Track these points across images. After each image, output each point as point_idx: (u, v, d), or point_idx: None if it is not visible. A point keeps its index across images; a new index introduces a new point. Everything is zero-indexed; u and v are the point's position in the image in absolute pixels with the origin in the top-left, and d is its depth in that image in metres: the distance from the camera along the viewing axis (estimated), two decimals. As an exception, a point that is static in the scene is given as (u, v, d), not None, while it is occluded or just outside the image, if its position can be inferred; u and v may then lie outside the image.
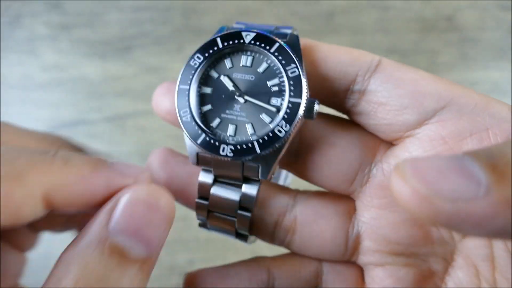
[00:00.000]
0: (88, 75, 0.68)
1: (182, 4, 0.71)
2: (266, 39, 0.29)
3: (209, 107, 0.30)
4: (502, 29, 0.69)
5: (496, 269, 0.27)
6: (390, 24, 0.69)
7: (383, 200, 0.29)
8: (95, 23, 0.70)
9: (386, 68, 0.28)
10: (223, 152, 0.28)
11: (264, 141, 0.28)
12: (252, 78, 0.29)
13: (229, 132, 0.29)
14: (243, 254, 0.60)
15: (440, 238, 0.29)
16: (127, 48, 0.69)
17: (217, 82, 0.30)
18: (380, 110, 0.28)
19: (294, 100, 0.28)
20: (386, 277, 0.30)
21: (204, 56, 0.30)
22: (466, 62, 0.68)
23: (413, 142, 0.28)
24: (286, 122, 0.28)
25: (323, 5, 0.70)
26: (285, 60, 0.28)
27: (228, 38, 0.29)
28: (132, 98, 0.67)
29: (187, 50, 0.69)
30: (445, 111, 0.27)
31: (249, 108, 0.29)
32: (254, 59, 0.30)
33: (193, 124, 0.29)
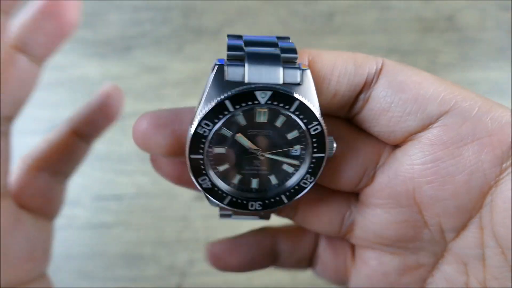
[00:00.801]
0: (88, 75, 0.68)
1: (182, 4, 0.71)
2: (283, 97, 0.25)
3: (227, 166, 0.28)
4: (502, 29, 0.69)
5: (486, 268, 0.27)
6: (390, 24, 0.69)
7: (379, 200, 0.29)
8: (95, 23, 0.70)
9: (389, 72, 0.27)
10: (252, 208, 0.28)
11: (290, 193, 0.28)
12: (269, 133, 0.27)
13: (253, 185, 0.29)
14: (243, 254, 0.61)
15: (431, 238, 0.29)
16: (127, 48, 0.69)
17: (231, 140, 0.27)
18: (382, 118, 0.27)
19: (318, 155, 0.27)
20: (372, 259, 0.31)
21: (213, 122, 0.26)
22: (466, 62, 0.68)
23: (414, 146, 0.27)
24: (311, 175, 0.28)
25: (323, 5, 0.70)
26: (307, 118, 0.26)
27: (240, 100, 0.25)
28: (132, 98, 0.67)
29: (187, 50, 0.69)
30: (448, 115, 0.26)
31: (270, 162, 0.28)
32: (269, 113, 0.27)
33: (215, 189, 0.28)
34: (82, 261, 0.61)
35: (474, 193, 0.26)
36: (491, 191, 0.26)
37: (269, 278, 0.59)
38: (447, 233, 0.28)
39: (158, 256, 0.60)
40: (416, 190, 0.28)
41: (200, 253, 0.60)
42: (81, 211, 0.63)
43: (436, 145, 0.27)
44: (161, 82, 0.68)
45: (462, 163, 0.26)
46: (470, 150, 0.26)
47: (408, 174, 0.28)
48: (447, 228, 0.28)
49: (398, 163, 0.28)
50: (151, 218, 0.62)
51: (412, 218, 0.29)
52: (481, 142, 0.26)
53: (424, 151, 0.27)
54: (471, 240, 0.28)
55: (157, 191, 0.63)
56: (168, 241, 0.61)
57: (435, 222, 0.28)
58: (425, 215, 0.28)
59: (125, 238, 0.61)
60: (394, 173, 0.28)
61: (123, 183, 0.63)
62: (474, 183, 0.26)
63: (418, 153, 0.27)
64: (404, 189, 0.28)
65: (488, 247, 0.27)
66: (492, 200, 0.26)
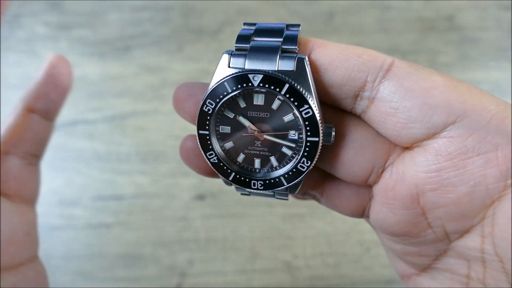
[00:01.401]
0: (88, 75, 0.68)
1: (182, 4, 0.71)
2: (274, 80, 0.28)
3: (231, 144, 0.31)
4: (502, 29, 0.69)
5: (486, 269, 0.28)
6: (390, 24, 0.69)
7: (385, 200, 0.30)
8: (95, 23, 0.70)
9: (396, 75, 0.27)
10: (254, 186, 0.31)
11: (289, 176, 0.30)
12: (267, 116, 0.30)
13: (255, 165, 0.31)
14: (243, 254, 0.60)
15: (435, 237, 0.29)
16: (127, 48, 0.69)
17: (234, 121, 0.31)
18: (388, 121, 0.27)
19: (311, 139, 0.29)
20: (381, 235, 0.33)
21: (216, 101, 0.30)
22: (466, 62, 0.68)
23: (420, 153, 0.27)
24: (307, 159, 0.29)
25: (323, 5, 0.70)
26: (297, 101, 0.28)
27: (236, 82, 0.29)
28: (131, 98, 0.67)
29: (187, 50, 0.69)
30: (455, 126, 0.26)
31: (270, 144, 0.31)
32: (265, 97, 0.29)
33: (221, 164, 0.31)
34: (82, 261, 0.60)
35: (476, 204, 0.26)
36: (494, 205, 0.26)
37: (269, 278, 0.58)
38: (451, 235, 0.29)
39: (158, 256, 0.60)
40: (420, 195, 0.28)
41: (200, 253, 0.60)
42: (81, 211, 0.63)
43: (441, 155, 0.26)
44: (161, 82, 0.68)
45: (465, 176, 0.26)
46: (475, 164, 0.26)
47: (412, 180, 0.28)
48: (450, 230, 0.28)
49: (404, 167, 0.28)
50: (151, 218, 0.62)
51: (416, 219, 0.29)
52: (486, 156, 0.26)
53: (428, 160, 0.27)
54: (473, 245, 0.28)
55: (157, 191, 0.63)
56: (168, 241, 0.61)
57: (439, 224, 0.28)
58: (429, 218, 0.28)
59: (125, 238, 0.61)
60: (401, 176, 0.28)
61: (123, 183, 0.63)
62: (477, 195, 0.26)
63: (423, 161, 0.27)
64: (408, 193, 0.28)
65: (487, 254, 0.27)
66: (494, 214, 0.26)
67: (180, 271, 0.60)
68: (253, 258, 0.59)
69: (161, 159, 0.64)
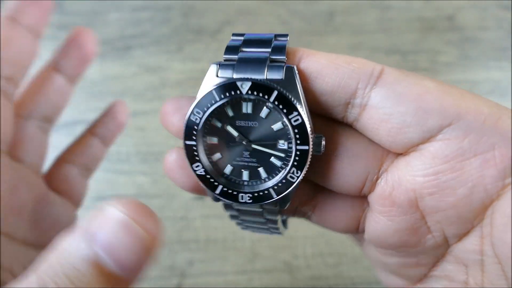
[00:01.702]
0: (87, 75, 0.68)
1: (182, 3, 0.71)
2: (263, 87, 0.28)
3: (219, 156, 0.31)
4: (502, 29, 0.69)
5: (484, 273, 0.27)
6: (390, 24, 0.69)
7: (383, 208, 0.29)
8: (95, 23, 0.70)
9: (387, 81, 0.27)
10: (242, 200, 0.30)
11: (278, 187, 0.29)
12: (255, 125, 0.29)
13: (243, 177, 0.30)
14: (243, 254, 0.60)
15: (434, 243, 0.29)
16: (127, 48, 0.69)
17: (221, 131, 0.30)
18: (382, 128, 0.27)
19: (301, 147, 0.28)
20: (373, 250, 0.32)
21: (203, 110, 0.29)
22: (467, 62, 0.68)
23: (416, 157, 0.27)
24: (297, 169, 0.29)
25: (323, 5, 0.70)
26: (286, 108, 0.28)
27: (224, 90, 0.28)
28: (131, 98, 0.67)
29: (187, 50, 0.69)
30: (450, 128, 0.26)
31: (259, 154, 0.30)
32: (254, 105, 0.29)
33: (208, 177, 0.30)
34: (82, 261, 0.60)
35: (475, 205, 0.26)
36: (493, 204, 0.26)
37: (269, 278, 0.59)
38: (450, 239, 0.28)
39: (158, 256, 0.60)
40: (418, 199, 0.28)
41: (200, 253, 0.60)
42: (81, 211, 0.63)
43: (437, 158, 0.26)
44: (161, 82, 0.68)
45: (463, 177, 0.26)
46: (472, 165, 0.26)
47: (410, 185, 0.27)
48: (449, 234, 0.28)
49: (400, 172, 0.28)
50: (151, 218, 0.62)
51: (416, 225, 0.28)
52: (484, 157, 0.26)
53: (425, 163, 0.27)
54: (472, 247, 0.27)
55: (157, 191, 0.63)
56: (168, 241, 0.61)
57: (438, 229, 0.28)
58: (428, 222, 0.28)
59: (125, 238, 0.61)
60: (397, 182, 0.28)
61: (123, 183, 0.63)
62: (475, 196, 0.26)
63: (419, 165, 0.27)
64: (406, 198, 0.28)
65: (486, 256, 0.27)
66: (492, 213, 0.26)
67: (180, 271, 0.60)
68: (253, 258, 0.59)
69: (161, 159, 0.64)
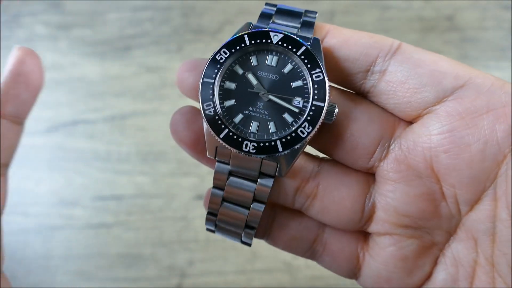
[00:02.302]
0: (87, 75, 0.68)
1: (182, 3, 0.71)
2: (293, 41, 0.30)
3: (233, 102, 0.31)
4: (502, 29, 0.68)
5: (495, 244, 0.28)
6: (390, 24, 0.69)
7: (399, 174, 0.30)
8: (95, 22, 0.70)
9: (405, 50, 0.29)
10: (246, 148, 0.29)
11: (286, 141, 0.29)
12: (276, 78, 0.30)
13: (251, 128, 0.30)
14: (243, 254, 0.60)
15: (448, 212, 0.30)
16: (127, 48, 0.69)
17: (241, 78, 0.31)
18: (399, 89, 0.29)
19: (317, 103, 0.29)
20: (390, 245, 0.31)
21: (231, 52, 0.30)
22: (466, 62, 0.67)
23: (431, 118, 0.29)
24: (309, 124, 0.29)
25: (323, 5, 0.70)
26: (311, 63, 0.29)
27: (256, 36, 0.30)
28: (131, 98, 0.67)
29: (186, 50, 0.69)
30: (463, 89, 0.28)
31: (272, 107, 0.30)
32: (279, 59, 0.30)
33: (216, 118, 0.30)
34: (82, 261, 0.60)
35: (489, 161, 0.27)
36: (506, 160, 0.27)
37: (269, 278, 0.58)
38: (462, 206, 0.29)
39: (158, 256, 0.60)
40: (433, 159, 0.29)
41: (200, 253, 0.60)
42: (81, 211, 0.63)
43: (452, 116, 0.28)
44: (161, 82, 0.67)
45: (477, 133, 0.27)
46: (485, 121, 0.27)
47: (426, 144, 0.29)
48: (462, 200, 0.29)
49: (415, 135, 0.29)
50: (151, 218, 0.62)
51: (431, 189, 0.30)
52: (495, 113, 0.27)
53: (441, 121, 0.28)
54: (484, 213, 0.28)
55: (157, 191, 0.63)
56: (168, 241, 0.61)
57: (451, 194, 0.29)
58: (443, 186, 0.29)
59: (125, 238, 0.61)
60: (412, 144, 0.29)
61: (123, 183, 0.63)
62: (489, 151, 0.27)
63: (435, 124, 0.28)
64: (422, 159, 0.29)
65: (499, 220, 0.28)
66: (507, 170, 0.27)
67: (180, 271, 0.60)
68: (253, 258, 0.59)
69: (161, 159, 0.64)
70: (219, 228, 0.34)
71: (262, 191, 0.31)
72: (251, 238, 0.33)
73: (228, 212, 0.32)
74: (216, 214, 0.33)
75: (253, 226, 0.32)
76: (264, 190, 0.31)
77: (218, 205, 0.32)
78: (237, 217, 0.32)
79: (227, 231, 0.33)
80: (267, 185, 0.31)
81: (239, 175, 0.31)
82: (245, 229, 0.33)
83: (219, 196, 0.32)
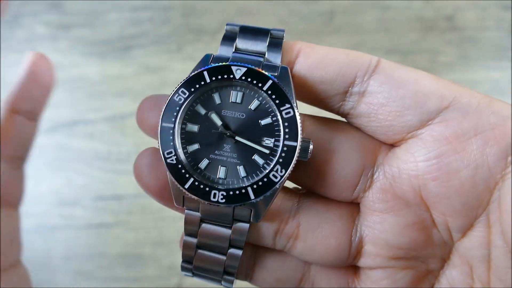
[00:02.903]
0: (87, 75, 0.68)
1: (182, 3, 0.71)
2: (258, 75, 0.27)
3: (196, 146, 0.28)
4: (502, 29, 0.68)
5: (491, 270, 0.27)
6: (390, 24, 0.69)
7: (385, 204, 0.28)
8: (95, 22, 0.70)
9: (385, 69, 0.27)
10: (214, 198, 0.27)
11: (258, 187, 0.26)
12: (242, 116, 0.27)
13: (219, 174, 0.28)
14: (243, 254, 0.60)
15: (440, 239, 0.28)
16: (127, 48, 0.69)
17: (204, 119, 0.28)
18: (381, 112, 0.27)
19: (289, 143, 0.26)
20: (383, 278, 0.30)
21: (190, 91, 0.27)
22: (466, 62, 0.68)
23: (415, 143, 0.27)
24: (281, 167, 0.26)
25: (323, 5, 0.70)
26: (279, 99, 0.27)
27: (217, 72, 0.27)
28: (131, 98, 0.67)
29: (186, 50, 0.69)
30: (448, 110, 0.26)
31: (241, 149, 0.27)
32: (244, 95, 0.27)
33: (179, 166, 0.27)
34: (82, 261, 0.61)
35: (480, 188, 0.26)
36: (498, 186, 0.26)
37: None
38: (454, 233, 0.28)
39: (158, 256, 0.60)
40: (421, 187, 0.27)
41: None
42: (81, 211, 0.63)
43: (438, 140, 0.26)
44: (161, 82, 0.68)
45: (466, 158, 0.26)
46: (474, 144, 0.26)
47: (412, 171, 0.27)
48: (454, 227, 0.28)
49: (400, 161, 0.28)
50: (151, 218, 0.62)
51: (421, 217, 0.28)
52: (484, 135, 0.26)
53: (427, 147, 0.27)
54: (478, 240, 0.27)
55: (157, 191, 0.63)
56: (168, 241, 0.61)
57: (442, 221, 0.28)
58: (433, 213, 0.28)
59: (125, 238, 0.61)
60: (397, 171, 0.28)
61: (123, 183, 0.63)
62: (480, 177, 0.26)
63: (421, 150, 0.27)
64: (410, 188, 0.27)
65: (495, 247, 0.27)
66: (499, 196, 0.26)
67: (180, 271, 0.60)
68: (253, 258, 0.59)
69: (161, 159, 0.64)
70: (196, 275, 0.31)
71: (238, 237, 0.29)
72: (232, 283, 0.31)
73: (204, 258, 0.30)
74: (191, 262, 0.31)
75: (232, 272, 0.30)
76: (240, 236, 0.29)
77: (193, 252, 0.30)
78: (214, 263, 0.30)
79: (205, 277, 0.31)
80: (242, 231, 0.28)
81: (212, 221, 0.29)
82: (224, 276, 0.30)
83: (193, 244, 0.30)
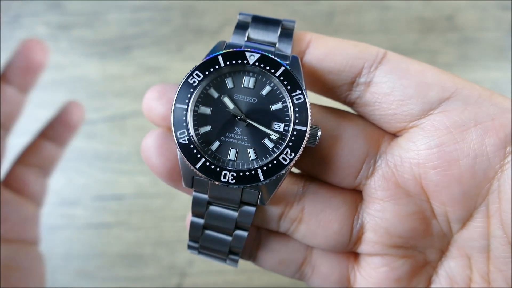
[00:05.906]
0: (88, 75, 0.68)
1: (182, 4, 0.71)
2: (271, 61, 0.28)
3: (208, 128, 0.28)
4: (502, 29, 0.69)
5: (491, 260, 0.28)
6: (390, 24, 0.69)
7: (387, 192, 0.29)
8: (95, 23, 0.70)
9: (391, 60, 0.28)
10: (225, 179, 0.27)
11: (267, 169, 0.27)
12: (254, 101, 0.28)
13: (229, 156, 0.28)
14: (243, 254, 0.61)
15: (439, 231, 0.29)
16: (127, 48, 0.69)
17: (217, 102, 0.28)
18: (385, 101, 0.28)
19: (299, 127, 0.27)
20: (382, 265, 0.31)
21: (204, 74, 0.28)
22: (466, 62, 0.68)
23: (417, 132, 0.28)
24: (291, 150, 0.27)
25: (323, 5, 0.70)
26: (291, 85, 0.27)
27: (231, 57, 0.28)
28: (132, 98, 0.67)
29: (187, 50, 0.69)
30: (450, 101, 0.27)
31: (251, 132, 0.28)
32: (256, 81, 0.28)
33: (191, 146, 0.27)
34: (82, 261, 0.61)
35: (479, 177, 0.27)
36: (497, 176, 0.26)
37: (269, 278, 0.59)
38: (453, 224, 0.28)
39: (158, 256, 0.60)
40: (422, 176, 0.28)
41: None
42: (81, 211, 0.63)
43: (439, 130, 0.27)
44: (161, 82, 0.68)
45: (466, 147, 0.26)
46: (473, 134, 0.26)
47: (413, 160, 0.28)
48: (453, 217, 0.28)
49: (402, 150, 0.28)
50: (151, 218, 0.62)
51: (421, 207, 0.29)
52: (484, 126, 0.26)
53: (428, 136, 0.27)
54: (477, 231, 0.27)
55: (157, 191, 0.63)
56: (168, 241, 0.61)
57: (442, 212, 0.28)
58: (433, 204, 0.28)
59: (125, 238, 0.61)
60: (399, 160, 0.28)
61: (123, 183, 0.64)
62: (479, 166, 0.26)
63: (422, 139, 0.28)
64: (411, 176, 0.28)
65: (494, 237, 0.27)
66: (499, 186, 0.26)
67: (180, 271, 0.60)
68: (253, 258, 0.60)
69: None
70: (202, 253, 0.32)
71: (244, 220, 0.29)
72: (237, 262, 0.32)
73: (210, 239, 0.31)
74: (198, 241, 0.31)
75: (237, 252, 0.31)
76: (246, 219, 0.29)
77: (199, 233, 0.31)
78: (220, 244, 0.31)
79: (211, 256, 0.32)
80: (249, 214, 0.29)
81: (219, 204, 0.29)
82: (229, 255, 0.31)
83: (199, 224, 0.30)
